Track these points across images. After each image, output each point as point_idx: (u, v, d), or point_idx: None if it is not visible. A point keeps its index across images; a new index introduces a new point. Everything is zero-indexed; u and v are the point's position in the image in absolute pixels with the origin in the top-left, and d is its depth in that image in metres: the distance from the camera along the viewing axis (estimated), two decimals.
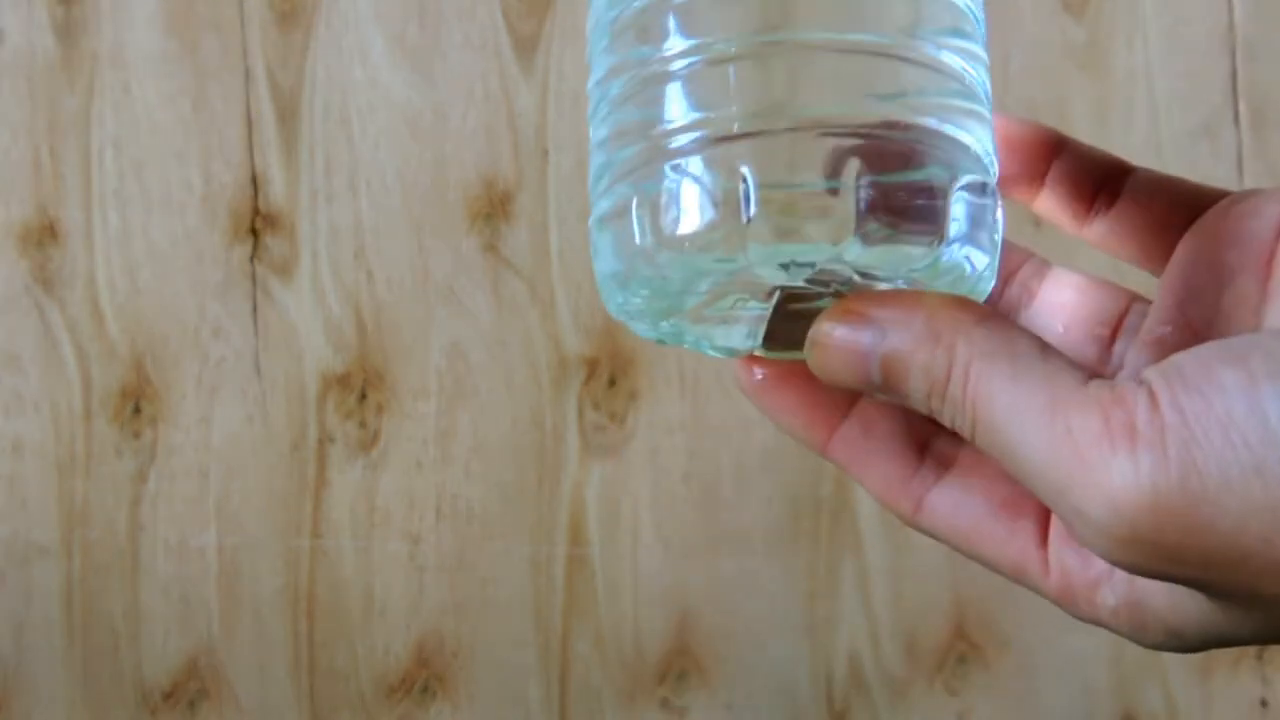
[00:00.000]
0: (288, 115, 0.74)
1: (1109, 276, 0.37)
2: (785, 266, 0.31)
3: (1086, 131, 0.72)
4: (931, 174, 0.30)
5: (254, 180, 0.74)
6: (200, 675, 0.72)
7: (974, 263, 0.32)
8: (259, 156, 0.74)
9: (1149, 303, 0.34)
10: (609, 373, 0.72)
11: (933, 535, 0.33)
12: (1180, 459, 0.24)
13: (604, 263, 0.32)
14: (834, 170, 0.29)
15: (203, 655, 0.72)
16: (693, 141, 0.30)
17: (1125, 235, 0.34)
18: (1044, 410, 0.26)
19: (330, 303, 0.73)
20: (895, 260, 0.30)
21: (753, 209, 0.29)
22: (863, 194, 0.29)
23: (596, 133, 0.34)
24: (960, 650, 0.71)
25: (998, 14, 0.74)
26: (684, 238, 0.30)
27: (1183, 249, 0.32)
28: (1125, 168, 0.35)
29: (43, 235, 0.74)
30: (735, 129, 0.30)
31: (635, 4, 0.32)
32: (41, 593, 0.73)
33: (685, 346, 0.34)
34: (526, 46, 0.74)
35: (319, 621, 0.72)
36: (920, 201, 0.30)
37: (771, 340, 0.33)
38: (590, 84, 0.34)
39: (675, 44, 0.31)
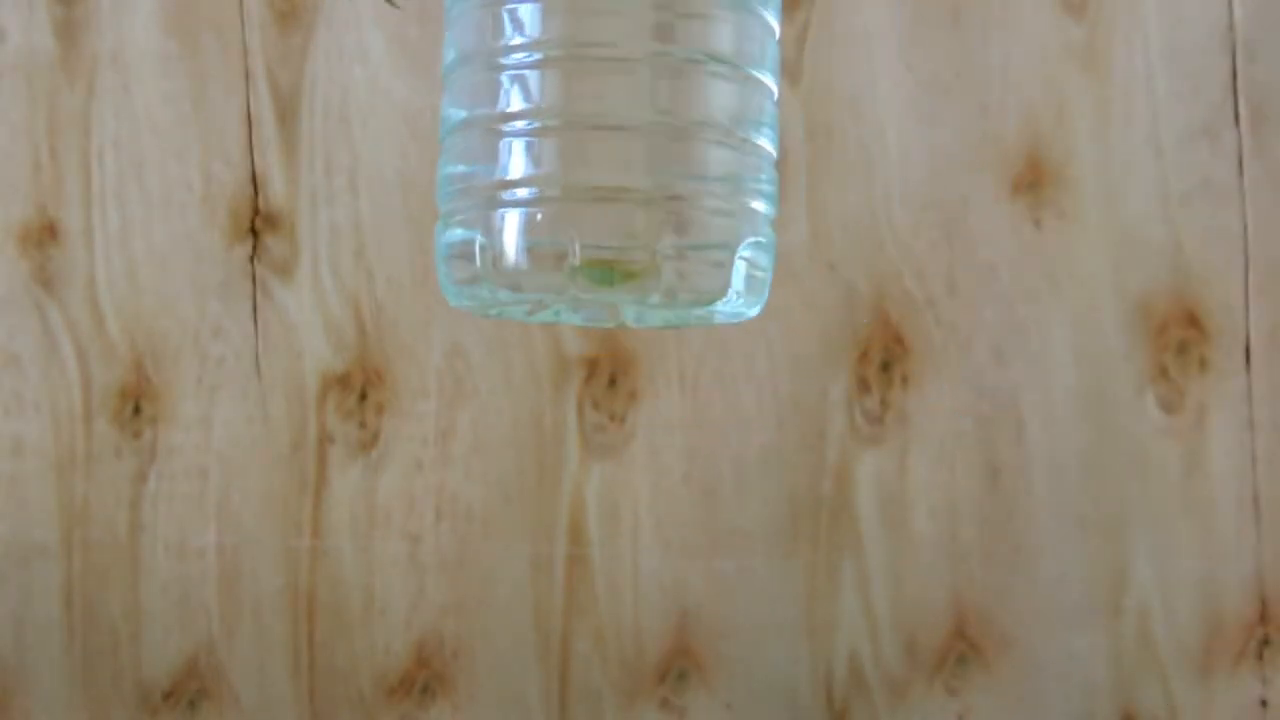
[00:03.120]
0: (288, 115, 0.74)
1: (1110, 279, 0.37)
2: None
3: (1086, 131, 0.72)
4: (720, 243, 0.37)
5: (254, 180, 0.74)
6: (200, 675, 0.72)
7: (747, 309, 0.39)
8: (259, 156, 0.74)
9: None
10: (609, 373, 0.72)
11: None
12: None
13: (444, 274, 0.39)
14: (643, 238, 0.36)
15: (203, 655, 0.72)
16: (527, 198, 0.37)
17: None
18: None
19: (330, 303, 0.73)
20: (684, 308, 0.37)
21: (573, 267, 0.36)
22: (666, 261, 0.36)
23: (445, 157, 0.40)
24: (960, 650, 0.71)
25: (998, 14, 0.74)
26: (516, 281, 0.37)
27: None
28: None
29: (43, 235, 0.74)
30: (559, 194, 0.37)
31: (484, 49, 0.38)
32: (41, 593, 0.73)
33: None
34: None
35: (319, 621, 0.72)
36: (710, 268, 0.37)
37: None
38: (442, 103, 0.40)
39: (513, 101, 0.37)
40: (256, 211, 0.74)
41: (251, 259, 0.74)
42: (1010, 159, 0.72)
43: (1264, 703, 0.71)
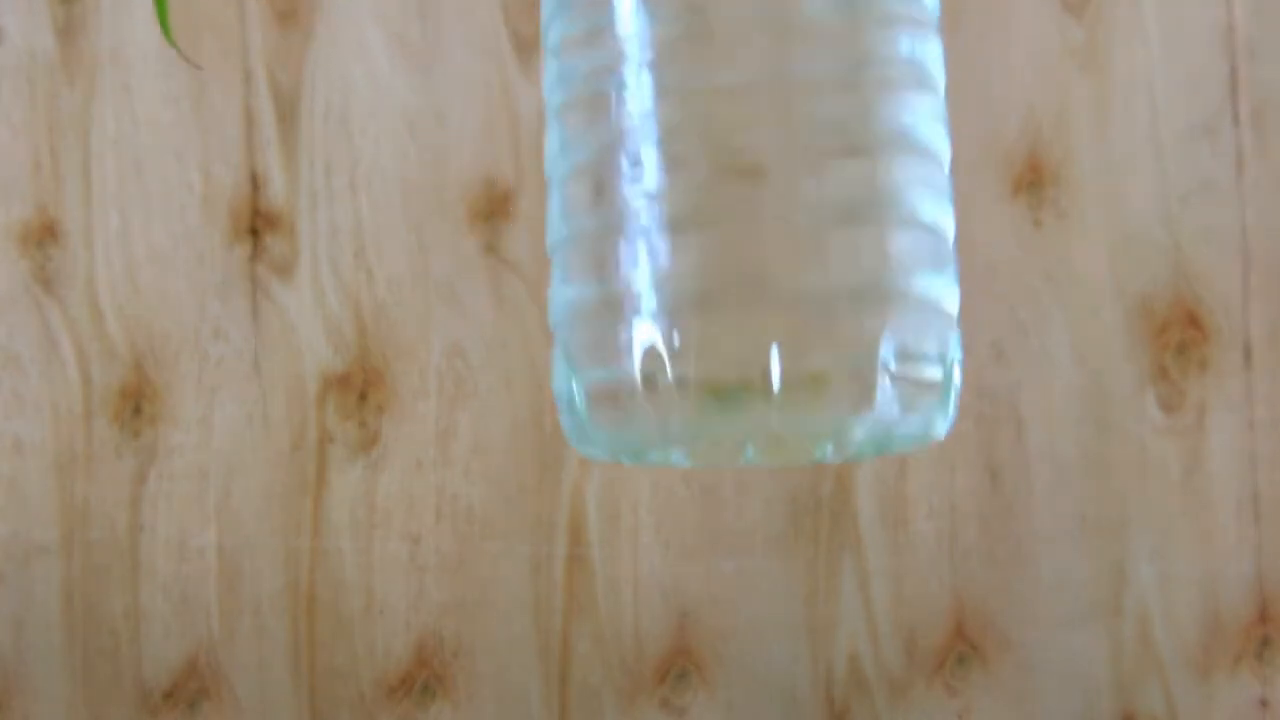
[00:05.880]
0: (288, 115, 0.74)
1: (1110, 279, 0.37)
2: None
3: (1086, 131, 0.72)
4: (937, 349, 0.28)
5: (254, 180, 0.74)
6: (200, 675, 0.72)
7: (932, 429, 0.29)
8: (259, 156, 0.74)
9: None
10: None
11: None
12: None
13: (576, 421, 0.30)
14: (860, 345, 0.26)
15: (203, 655, 0.72)
16: (704, 304, 0.27)
17: None
18: None
19: (330, 303, 0.73)
20: (898, 437, 0.28)
21: (774, 389, 0.26)
22: (884, 374, 0.27)
23: (562, 270, 0.29)
24: (960, 650, 0.71)
25: (998, 14, 0.74)
26: (695, 423, 0.27)
27: None
28: None
29: (43, 235, 0.74)
30: (748, 294, 0.27)
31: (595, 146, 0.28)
32: (41, 593, 0.73)
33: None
34: (526, 46, 0.74)
35: (319, 621, 0.72)
36: (925, 383, 0.28)
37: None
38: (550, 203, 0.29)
39: (626, 198, 0.28)
40: (256, 211, 0.74)
41: (251, 259, 0.74)
42: (1010, 159, 0.72)
43: (1264, 703, 0.71)
